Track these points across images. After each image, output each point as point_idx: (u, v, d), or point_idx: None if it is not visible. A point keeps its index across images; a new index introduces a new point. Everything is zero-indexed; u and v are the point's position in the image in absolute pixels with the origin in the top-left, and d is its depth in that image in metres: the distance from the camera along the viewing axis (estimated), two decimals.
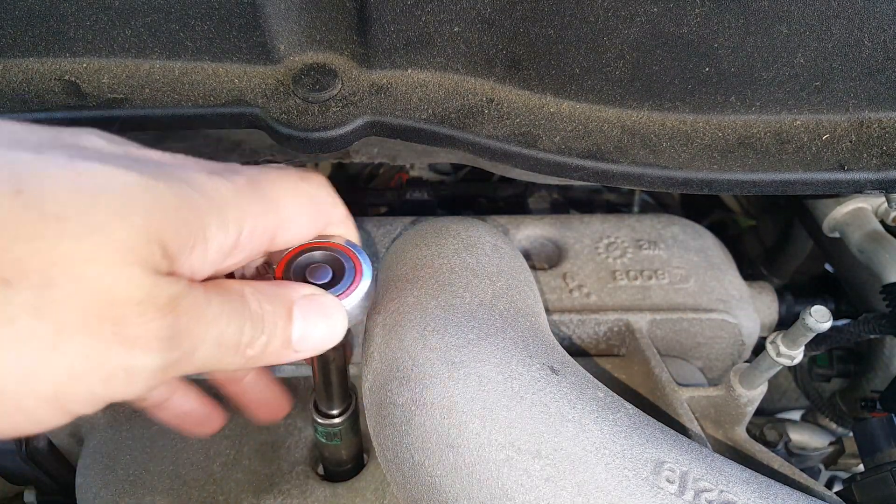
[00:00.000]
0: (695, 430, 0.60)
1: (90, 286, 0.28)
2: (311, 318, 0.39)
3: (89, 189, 0.28)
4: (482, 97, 0.53)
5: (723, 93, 0.51)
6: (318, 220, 0.43)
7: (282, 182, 0.39)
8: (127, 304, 0.29)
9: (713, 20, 0.46)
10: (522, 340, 0.49)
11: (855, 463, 0.87)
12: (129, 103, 0.50)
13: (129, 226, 0.29)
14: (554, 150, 0.51)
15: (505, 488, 0.43)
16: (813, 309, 0.49)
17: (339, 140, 0.49)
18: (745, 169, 0.51)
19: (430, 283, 0.51)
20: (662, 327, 0.73)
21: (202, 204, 0.33)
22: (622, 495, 0.42)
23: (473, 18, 0.49)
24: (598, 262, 0.79)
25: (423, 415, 0.45)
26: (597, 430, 0.44)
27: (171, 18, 0.49)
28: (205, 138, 0.76)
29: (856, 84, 0.50)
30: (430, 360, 0.46)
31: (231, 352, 0.35)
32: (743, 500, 0.43)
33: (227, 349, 0.35)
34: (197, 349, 0.33)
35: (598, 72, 0.50)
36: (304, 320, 0.39)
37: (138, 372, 0.30)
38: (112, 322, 0.29)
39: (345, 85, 0.51)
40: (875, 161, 0.50)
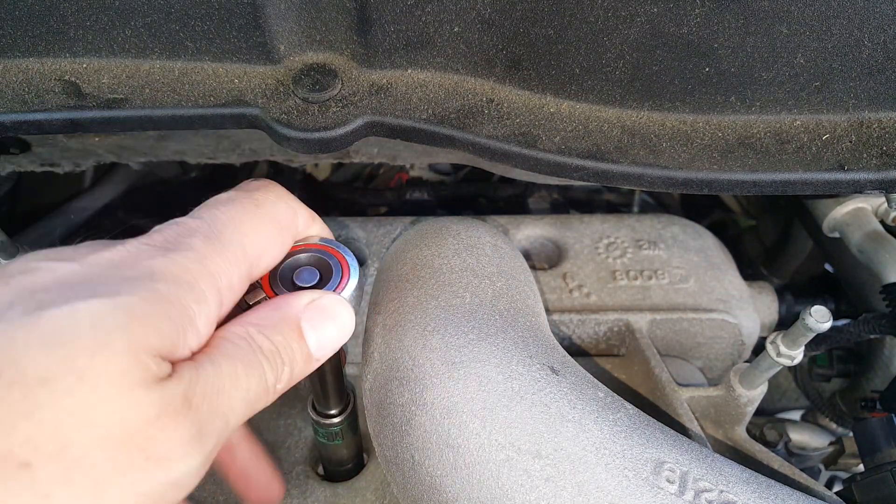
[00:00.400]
0: (695, 430, 0.60)
1: (105, 429, 0.28)
2: (320, 324, 0.39)
3: (61, 338, 0.28)
4: (482, 97, 0.52)
5: (723, 93, 0.51)
6: (286, 237, 0.42)
7: (237, 216, 0.39)
8: (146, 426, 0.29)
9: (713, 20, 0.46)
10: (522, 340, 0.49)
11: (855, 463, 0.87)
12: (129, 103, 0.50)
13: (114, 355, 0.29)
14: (554, 150, 0.51)
15: (505, 488, 0.43)
16: (813, 309, 0.49)
17: (339, 140, 0.49)
18: (745, 169, 0.51)
19: (430, 283, 0.51)
20: (662, 327, 0.73)
21: (173, 292, 0.32)
22: (622, 495, 0.42)
23: (473, 18, 0.49)
24: (598, 262, 0.79)
25: (424, 415, 0.45)
26: (597, 430, 0.44)
27: (171, 18, 0.49)
28: (205, 138, 0.76)
29: (856, 84, 0.50)
30: (430, 360, 0.46)
31: (262, 398, 0.36)
32: (743, 500, 0.43)
33: (257, 398, 0.36)
34: (229, 419, 0.34)
35: (598, 72, 0.50)
36: (315, 330, 0.39)
37: (184, 478, 0.31)
38: (140, 450, 0.29)
39: (345, 85, 0.51)
40: (875, 161, 0.50)
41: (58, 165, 0.80)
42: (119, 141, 0.76)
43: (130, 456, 0.29)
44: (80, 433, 0.28)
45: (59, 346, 0.28)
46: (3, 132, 0.50)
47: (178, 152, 0.80)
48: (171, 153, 0.80)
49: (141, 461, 0.29)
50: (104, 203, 1.01)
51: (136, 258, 0.33)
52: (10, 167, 0.79)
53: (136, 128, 0.51)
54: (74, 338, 0.28)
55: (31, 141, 0.73)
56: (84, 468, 0.28)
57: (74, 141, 0.74)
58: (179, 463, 0.31)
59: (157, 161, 0.83)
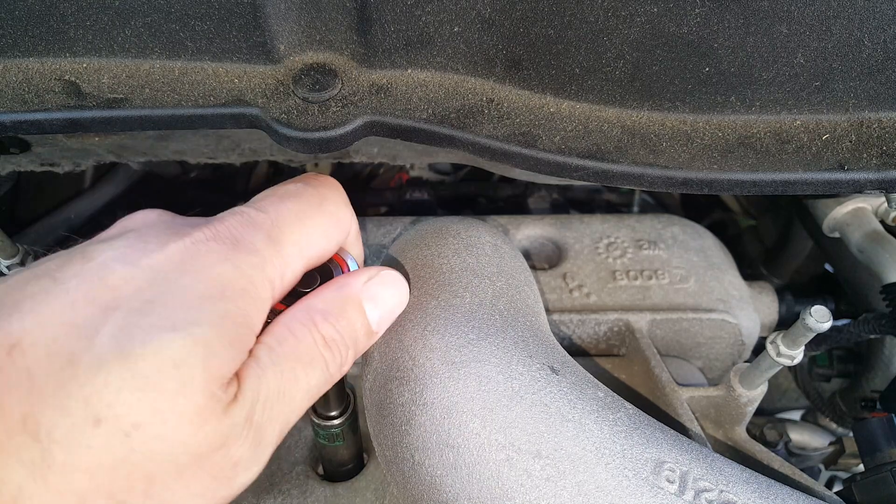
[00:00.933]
0: (695, 430, 0.60)
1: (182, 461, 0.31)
2: (380, 300, 0.42)
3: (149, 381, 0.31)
4: (482, 97, 0.52)
5: (723, 93, 0.51)
6: (340, 240, 0.44)
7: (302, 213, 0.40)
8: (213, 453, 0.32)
9: (713, 20, 0.46)
10: (522, 340, 0.49)
11: (855, 463, 0.87)
12: (129, 103, 0.50)
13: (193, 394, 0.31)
14: (554, 150, 0.51)
15: (505, 488, 0.43)
16: (813, 309, 0.49)
17: (339, 140, 0.49)
18: (745, 169, 0.51)
19: (430, 283, 0.51)
20: (662, 327, 0.73)
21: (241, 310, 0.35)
22: (622, 495, 0.42)
23: (473, 18, 0.48)
24: (598, 262, 0.79)
25: (423, 414, 0.45)
26: (597, 430, 0.44)
27: (171, 18, 0.49)
28: (205, 138, 0.76)
29: (856, 84, 0.50)
30: (429, 359, 0.46)
31: (323, 388, 0.38)
32: (743, 500, 0.43)
33: (318, 390, 0.38)
34: (289, 420, 0.37)
35: (598, 72, 0.50)
36: (377, 306, 0.41)
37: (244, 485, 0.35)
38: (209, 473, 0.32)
39: (345, 85, 0.51)
40: (875, 161, 0.50)
41: (58, 165, 0.80)
42: (119, 141, 0.76)
43: (202, 480, 0.32)
44: (162, 469, 0.31)
45: (148, 389, 0.30)
46: (3, 132, 0.50)
47: (178, 152, 0.80)
48: (171, 153, 0.80)
49: (210, 482, 0.32)
50: (104, 203, 1.01)
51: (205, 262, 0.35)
52: (10, 167, 0.79)
53: (136, 127, 0.51)
54: (161, 381, 0.31)
55: (31, 141, 0.73)
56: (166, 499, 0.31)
57: (74, 141, 0.74)
58: (242, 476, 0.34)
59: (157, 161, 0.83)
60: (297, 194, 0.41)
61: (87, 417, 0.29)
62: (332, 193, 0.43)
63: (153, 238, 0.35)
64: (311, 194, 0.42)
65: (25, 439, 0.28)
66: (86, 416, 0.29)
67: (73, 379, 0.30)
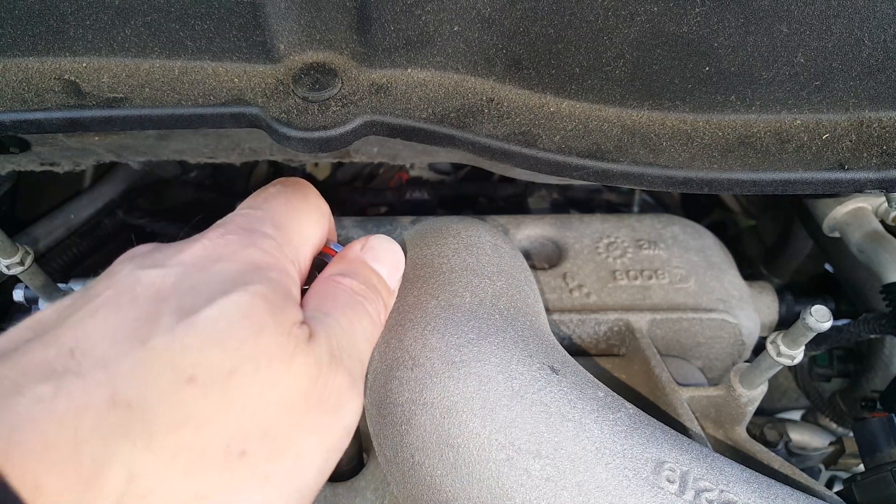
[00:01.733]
0: (695, 430, 0.60)
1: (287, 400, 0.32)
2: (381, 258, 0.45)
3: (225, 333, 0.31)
4: (482, 97, 0.52)
5: (723, 92, 0.51)
6: (326, 228, 0.46)
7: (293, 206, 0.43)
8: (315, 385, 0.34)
9: (713, 20, 0.46)
10: (522, 340, 0.49)
11: (855, 463, 0.87)
12: (129, 103, 0.50)
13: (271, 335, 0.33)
14: (554, 150, 0.50)
15: (505, 488, 0.43)
16: (813, 309, 0.49)
17: (338, 139, 0.49)
18: (745, 168, 0.50)
19: (430, 283, 0.51)
20: (662, 327, 0.73)
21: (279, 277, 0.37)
22: (622, 495, 0.42)
23: (473, 18, 0.48)
24: (598, 261, 0.79)
25: (423, 414, 0.45)
26: (597, 430, 0.44)
27: (171, 18, 0.49)
28: (205, 137, 0.76)
29: (856, 84, 0.50)
30: (430, 359, 0.46)
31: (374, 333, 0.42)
32: (743, 499, 0.43)
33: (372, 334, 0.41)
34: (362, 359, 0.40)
35: (599, 71, 0.50)
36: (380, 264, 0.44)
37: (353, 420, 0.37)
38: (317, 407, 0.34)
39: (345, 84, 0.51)
40: (875, 161, 0.50)
41: (58, 165, 0.80)
42: (119, 140, 0.75)
43: (312, 415, 0.33)
44: (272, 411, 0.31)
45: (227, 340, 0.31)
46: (3, 131, 0.50)
47: (178, 152, 0.80)
48: (171, 153, 0.80)
49: (321, 416, 0.33)
50: (104, 203, 1.01)
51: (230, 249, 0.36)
52: (10, 167, 0.79)
53: (136, 127, 0.51)
54: (235, 329, 0.31)
55: (30, 140, 0.73)
56: (286, 441, 0.31)
57: (74, 140, 0.74)
58: (347, 407, 0.35)
59: (157, 161, 0.83)
60: (281, 192, 0.43)
61: (178, 379, 0.29)
62: (309, 189, 0.46)
63: (167, 249, 0.36)
64: (293, 191, 0.44)
65: (118, 414, 0.28)
66: (175, 378, 0.29)
67: (151, 352, 0.29)
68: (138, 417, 0.28)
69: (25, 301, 0.72)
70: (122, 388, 0.28)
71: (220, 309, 0.31)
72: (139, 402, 0.28)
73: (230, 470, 0.29)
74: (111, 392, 0.28)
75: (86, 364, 0.28)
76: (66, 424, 0.27)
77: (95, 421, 0.27)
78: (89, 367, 0.28)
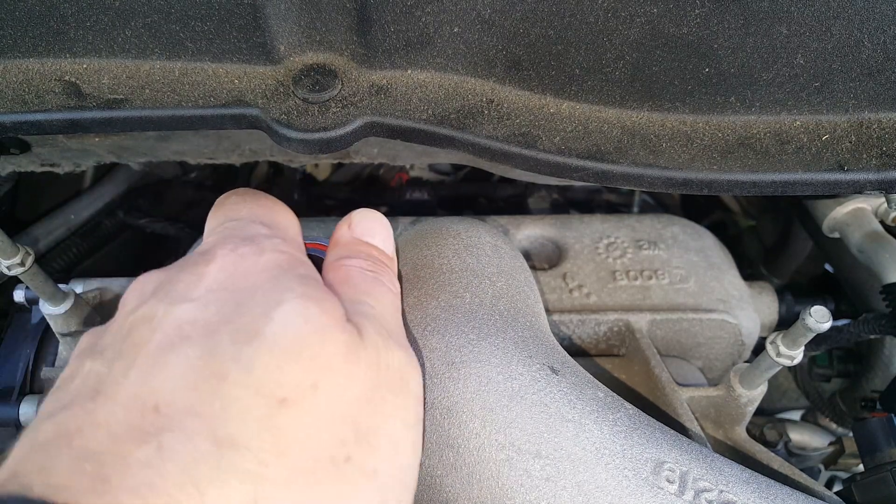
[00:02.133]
0: (695, 430, 0.60)
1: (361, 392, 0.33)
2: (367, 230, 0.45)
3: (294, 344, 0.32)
4: (482, 97, 0.53)
5: (723, 93, 0.51)
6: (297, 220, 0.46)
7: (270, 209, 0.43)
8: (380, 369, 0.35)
9: (713, 20, 0.46)
10: (522, 340, 0.49)
11: (855, 463, 0.87)
12: (129, 104, 0.50)
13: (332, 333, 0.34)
14: (554, 151, 0.51)
15: (505, 488, 0.43)
16: (813, 309, 0.49)
17: (339, 140, 0.49)
18: (745, 169, 0.51)
19: (430, 284, 0.51)
20: (662, 327, 0.73)
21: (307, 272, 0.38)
22: (622, 495, 0.42)
23: (473, 19, 0.49)
24: (598, 262, 0.79)
25: (424, 415, 0.45)
26: (597, 430, 0.44)
27: (171, 19, 0.49)
28: (205, 138, 0.76)
29: (856, 84, 0.50)
30: (429, 360, 0.46)
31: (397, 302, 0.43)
32: (743, 500, 0.43)
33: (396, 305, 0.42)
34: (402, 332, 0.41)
35: (598, 72, 0.50)
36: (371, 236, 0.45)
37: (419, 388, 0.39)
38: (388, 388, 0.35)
39: (345, 85, 0.51)
40: (875, 161, 0.50)
41: (58, 165, 0.80)
42: (119, 141, 0.76)
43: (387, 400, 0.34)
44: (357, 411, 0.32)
45: (300, 351, 0.31)
46: (3, 132, 0.50)
47: (178, 152, 0.80)
48: (171, 153, 0.80)
49: (395, 398, 0.34)
50: (104, 203, 1.01)
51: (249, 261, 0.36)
52: (10, 167, 0.79)
53: (137, 128, 0.51)
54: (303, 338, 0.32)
55: (31, 141, 0.73)
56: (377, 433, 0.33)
57: (74, 141, 0.74)
58: (411, 378, 0.37)
59: (157, 161, 0.83)
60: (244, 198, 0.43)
61: (270, 403, 0.29)
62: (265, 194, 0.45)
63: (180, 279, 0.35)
64: (253, 195, 0.44)
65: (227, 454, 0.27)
66: (268, 404, 0.29)
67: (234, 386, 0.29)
68: (246, 452, 0.28)
69: (26, 302, 0.72)
70: (222, 429, 0.28)
71: (280, 323, 0.31)
72: (243, 438, 0.28)
73: (342, 477, 0.30)
74: (212, 436, 0.28)
75: (176, 417, 0.28)
76: (183, 481, 0.26)
77: (208, 468, 0.27)
78: (181, 419, 0.28)
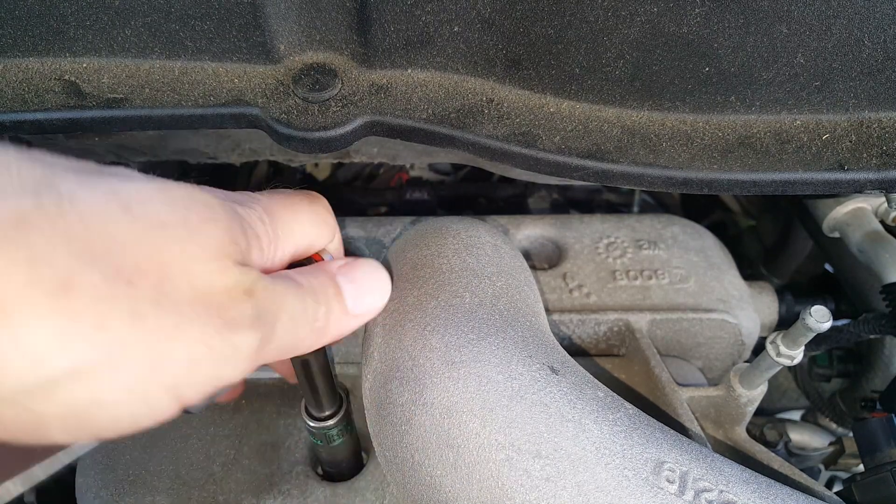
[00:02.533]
0: (695, 430, 0.60)
1: (197, 280, 0.32)
2: (356, 281, 0.44)
3: (181, 202, 0.33)
4: (482, 97, 0.53)
5: (723, 93, 0.51)
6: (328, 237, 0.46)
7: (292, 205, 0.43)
8: (224, 292, 0.33)
9: (713, 20, 0.46)
10: (522, 340, 0.49)
11: (855, 463, 0.87)
12: (129, 103, 0.50)
13: (218, 229, 0.34)
14: (554, 150, 0.51)
15: (505, 488, 0.43)
16: (813, 309, 0.49)
17: (338, 140, 0.49)
18: (745, 169, 0.51)
19: (430, 283, 0.51)
20: (662, 327, 0.73)
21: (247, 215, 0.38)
22: (622, 495, 0.42)
23: (473, 18, 0.49)
24: (598, 262, 0.79)
25: (423, 414, 0.45)
26: (597, 430, 0.44)
27: (171, 18, 0.49)
28: (205, 137, 0.76)
29: (856, 84, 0.50)
30: (429, 359, 0.46)
31: (303, 326, 0.39)
32: (743, 500, 0.43)
33: (300, 323, 0.39)
34: (276, 326, 0.37)
35: (598, 72, 0.50)
36: (353, 285, 0.43)
37: (242, 351, 0.34)
38: (216, 308, 0.33)
39: (345, 85, 0.51)
40: (875, 161, 0.50)
41: None
42: (119, 141, 0.76)
43: (209, 310, 0.33)
44: (179, 276, 0.31)
45: (179, 206, 0.32)
46: (3, 132, 0.50)
47: (178, 152, 0.80)
48: (171, 153, 0.80)
49: (215, 318, 0.33)
50: None
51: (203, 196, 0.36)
52: None
53: (136, 127, 0.51)
54: (191, 204, 0.33)
55: (31, 141, 0.73)
56: (174, 305, 0.31)
57: (74, 141, 0.74)
58: (242, 333, 0.34)
59: (158, 161, 0.83)
60: (287, 194, 0.44)
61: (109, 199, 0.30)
62: (320, 200, 0.45)
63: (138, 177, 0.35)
64: (301, 196, 0.44)
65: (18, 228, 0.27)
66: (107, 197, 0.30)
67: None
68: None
69: None
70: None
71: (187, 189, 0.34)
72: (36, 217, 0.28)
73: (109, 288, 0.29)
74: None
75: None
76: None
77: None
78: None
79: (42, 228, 0.27)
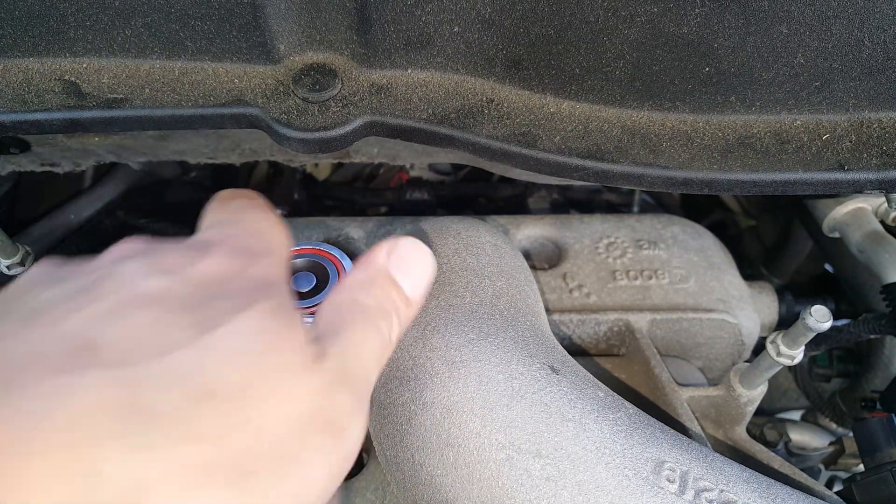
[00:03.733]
0: (695, 430, 0.60)
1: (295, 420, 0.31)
2: (406, 268, 0.42)
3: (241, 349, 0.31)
4: (482, 97, 0.53)
5: (723, 93, 0.51)
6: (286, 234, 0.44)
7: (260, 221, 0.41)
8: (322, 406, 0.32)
9: (713, 20, 0.46)
10: (522, 340, 0.49)
11: (855, 463, 0.87)
12: (129, 103, 0.50)
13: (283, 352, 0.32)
14: (554, 150, 0.51)
15: (505, 488, 0.43)
16: (813, 309, 0.49)
17: (338, 140, 0.49)
18: (745, 169, 0.51)
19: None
20: (662, 327, 0.73)
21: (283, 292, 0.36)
22: (622, 495, 0.42)
23: (473, 18, 0.49)
24: (598, 262, 0.79)
25: (424, 414, 0.45)
26: (597, 430, 0.44)
27: (171, 18, 0.49)
28: (205, 138, 0.76)
29: (856, 84, 0.50)
30: (430, 359, 0.46)
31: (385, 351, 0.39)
32: (743, 499, 0.43)
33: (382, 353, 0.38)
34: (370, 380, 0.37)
35: (599, 72, 0.50)
36: (405, 274, 0.42)
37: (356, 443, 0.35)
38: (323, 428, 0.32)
39: (345, 85, 0.51)
40: (875, 161, 0.50)
41: (58, 165, 0.80)
42: (119, 141, 0.76)
43: (318, 437, 0.32)
44: (281, 431, 0.30)
45: (245, 356, 0.31)
46: (3, 132, 0.50)
47: (178, 152, 0.80)
48: (171, 153, 0.80)
49: (327, 439, 0.32)
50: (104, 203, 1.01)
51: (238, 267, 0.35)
52: (10, 167, 0.79)
53: (137, 128, 0.51)
54: (253, 346, 0.31)
55: (30, 141, 0.73)
56: (292, 463, 0.31)
57: (74, 141, 0.74)
58: (352, 429, 0.34)
59: (157, 161, 0.83)
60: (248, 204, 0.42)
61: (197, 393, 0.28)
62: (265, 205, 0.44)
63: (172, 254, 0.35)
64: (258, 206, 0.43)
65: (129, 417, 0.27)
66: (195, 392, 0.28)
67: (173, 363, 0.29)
68: (154, 425, 0.27)
69: None
70: (138, 393, 0.27)
71: (239, 325, 0.31)
72: (157, 411, 0.27)
73: (235, 489, 0.29)
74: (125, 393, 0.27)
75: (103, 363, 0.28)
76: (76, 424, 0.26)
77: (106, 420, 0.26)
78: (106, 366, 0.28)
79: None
